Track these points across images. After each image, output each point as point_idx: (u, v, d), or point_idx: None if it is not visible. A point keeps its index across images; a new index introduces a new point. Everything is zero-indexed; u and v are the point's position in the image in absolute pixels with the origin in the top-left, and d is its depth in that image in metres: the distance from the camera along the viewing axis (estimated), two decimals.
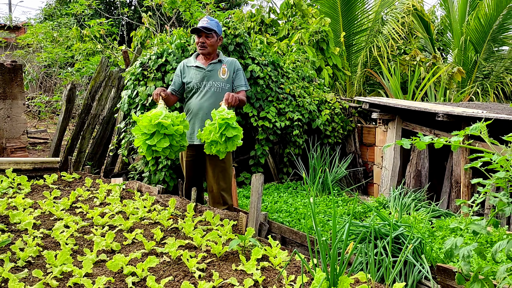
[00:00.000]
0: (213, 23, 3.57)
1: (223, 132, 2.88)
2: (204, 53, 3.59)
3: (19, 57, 10.68)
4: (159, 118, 2.85)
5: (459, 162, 4.64)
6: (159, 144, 2.86)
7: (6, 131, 5.48)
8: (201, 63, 3.63)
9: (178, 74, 3.70)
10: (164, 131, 2.88)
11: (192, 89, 3.61)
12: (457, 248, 1.45)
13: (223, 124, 2.89)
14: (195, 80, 3.58)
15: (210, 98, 3.56)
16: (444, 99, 7.88)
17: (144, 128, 2.86)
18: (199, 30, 3.52)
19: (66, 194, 3.97)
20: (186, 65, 3.68)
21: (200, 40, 3.54)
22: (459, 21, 10.22)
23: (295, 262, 2.57)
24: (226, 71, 3.64)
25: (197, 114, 3.57)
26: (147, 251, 2.64)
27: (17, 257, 2.42)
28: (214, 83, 3.58)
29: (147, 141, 2.86)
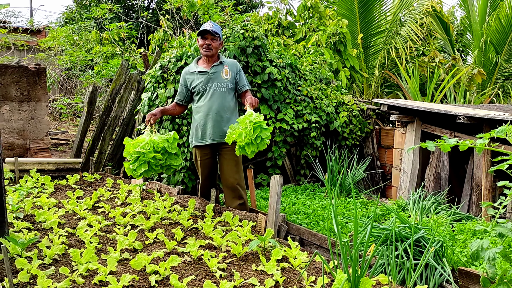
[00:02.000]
0: (217, 27, 3.71)
1: (259, 134, 3.15)
2: (209, 55, 3.70)
3: (40, 60, 10.91)
4: (138, 146, 3.29)
5: (480, 165, 4.58)
6: (138, 169, 3.28)
7: (30, 132, 5.62)
8: (204, 67, 3.75)
9: (182, 84, 3.82)
10: (143, 158, 3.27)
11: (199, 93, 3.73)
12: (483, 250, 1.45)
13: (257, 127, 3.16)
14: (200, 84, 3.71)
15: (217, 99, 3.69)
16: (464, 101, 7.78)
17: (128, 154, 3.33)
18: (207, 32, 3.64)
19: (88, 194, 4.06)
20: (189, 72, 3.80)
21: (206, 42, 3.66)
22: (479, 22, 10.07)
23: (315, 263, 2.59)
24: (228, 71, 3.76)
25: (207, 115, 3.68)
26: (169, 250, 2.69)
27: (44, 254, 2.49)
28: (219, 84, 3.70)
29: (130, 166, 3.32)
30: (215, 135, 3.69)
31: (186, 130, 4.65)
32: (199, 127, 3.73)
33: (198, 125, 3.74)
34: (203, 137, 3.72)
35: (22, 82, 5.59)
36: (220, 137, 3.67)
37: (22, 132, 5.59)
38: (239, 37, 5.05)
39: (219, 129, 3.68)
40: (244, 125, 3.18)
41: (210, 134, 3.69)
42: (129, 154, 3.30)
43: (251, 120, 3.17)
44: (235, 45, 4.97)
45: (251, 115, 3.22)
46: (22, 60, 10.13)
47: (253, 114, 3.23)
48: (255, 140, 3.15)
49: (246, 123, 3.18)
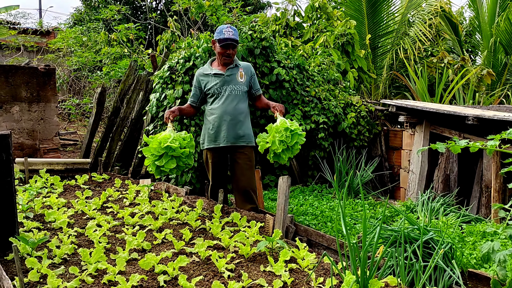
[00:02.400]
0: (236, 32, 3.66)
1: (297, 141, 3.25)
2: (228, 63, 3.70)
3: (50, 61, 11.00)
4: (168, 141, 3.12)
5: (489, 166, 4.54)
6: (167, 165, 3.15)
7: (40, 133, 5.67)
8: (219, 69, 3.71)
9: (196, 86, 3.78)
10: (172, 153, 3.16)
11: (214, 95, 3.70)
12: (494, 252, 1.44)
13: (295, 134, 3.24)
14: (215, 86, 3.67)
15: (232, 102, 3.67)
16: (473, 102, 7.72)
17: (154, 150, 3.15)
18: (230, 42, 3.59)
19: (97, 194, 4.08)
20: (204, 73, 3.75)
21: (227, 51, 3.63)
22: (488, 22, 9.99)
23: (323, 264, 2.58)
24: (243, 75, 3.74)
25: (222, 118, 3.66)
26: (177, 250, 2.70)
27: (54, 254, 2.51)
28: (234, 87, 3.69)
29: (156, 162, 3.16)
30: (229, 138, 3.67)
31: (194, 130, 4.67)
32: (212, 129, 3.70)
33: (212, 127, 3.70)
34: (217, 139, 3.69)
35: (32, 83, 5.64)
36: (234, 139, 3.67)
37: (32, 133, 5.64)
38: (247, 38, 5.06)
39: (234, 132, 3.67)
40: (279, 133, 3.22)
41: (224, 137, 3.67)
42: (154, 150, 3.16)
43: (287, 127, 3.22)
44: (243, 46, 4.98)
45: (285, 123, 3.26)
46: (32, 61, 10.23)
47: (287, 122, 3.27)
48: (292, 147, 3.24)
49: (281, 130, 3.22)
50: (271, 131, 3.31)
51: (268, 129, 3.37)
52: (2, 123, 5.52)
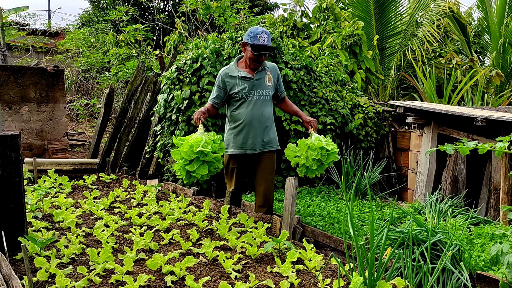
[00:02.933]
0: (270, 38, 3.44)
1: (333, 160, 3.26)
2: (256, 69, 3.50)
3: (58, 62, 11.09)
4: (200, 145, 2.92)
5: (498, 168, 4.51)
6: (198, 171, 2.96)
7: (48, 133, 5.71)
8: (246, 72, 3.49)
9: (220, 86, 3.52)
10: (204, 158, 2.96)
11: (240, 99, 3.49)
12: (503, 255, 1.43)
13: (332, 154, 3.24)
14: (243, 91, 3.46)
15: (260, 107, 3.51)
16: (481, 103, 7.66)
17: (185, 154, 2.94)
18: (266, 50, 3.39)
19: (105, 195, 4.11)
20: (230, 75, 3.50)
21: (260, 59, 3.43)
22: (497, 23, 9.91)
23: (330, 266, 2.58)
24: (270, 78, 3.57)
25: (250, 124, 3.49)
26: (184, 251, 2.71)
27: (62, 253, 2.53)
28: (262, 92, 3.52)
29: (186, 167, 2.95)
30: (257, 145, 3.52)
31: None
32: (238, 135, 3.51)
33: (238, 132, 3.51)
34: (244, 146, 3.52)
35: (40, 84, 5.69)
36: (262, 146, 3.54)
37: (40, 133, 5.69)
38: None
39: (261, 138, 3.53)
40: (313, 151, 3.19)
41: (252, 144, 3.51)
42: (185, 154, 2.93)
43: (323, 147, 3.18)
44: None
45: (321, 142, 3.21)
46: (41, 62, 10.32)
47: (322, 140, 3.22)
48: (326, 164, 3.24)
49: (316, 149, 3.19)
50: (303, 146, 3.23)
51: (300, 143, 3.28)
52: (11, 123, 5.58)
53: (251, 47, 3.37)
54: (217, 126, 4.80)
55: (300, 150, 3.27)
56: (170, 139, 4.93)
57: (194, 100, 4.74)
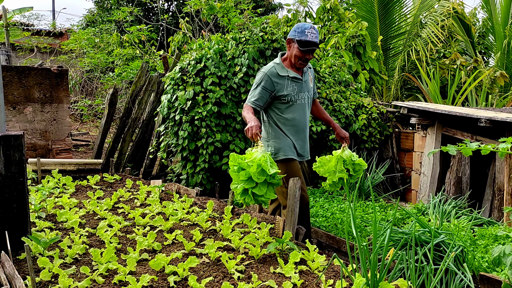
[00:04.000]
0: (318, 35, 3.15)
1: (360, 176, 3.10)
2: (302, 68, 3.23)
3: (63, 62, 11.14)
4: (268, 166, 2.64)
5: (502, 169, 4.49)
6: (267, 195, 2.72)
7: (52, 134, 5.74)
8: (294, 71, 3.20)
9: (266, 88, 3.15)
10: (272, 180, 2.71)
11: (288, 102, 3.18)
12: (505, 256, 1.42)
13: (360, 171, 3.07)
14: (293, 93, 3.17)
15: (306, 111, 3.27)
16: (486, 104, 7.63)
17: (254, 176, 2.65)
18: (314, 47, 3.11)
19: (109, 195, 4.12)
20: (279, 75, 3.16)
21: (306, 56, 3.13)
22: (502, 23, 9.87)
23: (333, 266, 2.57)
24: (312, 79, 3.35)
25: (303, 130, 3.27)
26: (187, 251, 2.71)
27: (65, 254, 2.54)
28: (308, 94, 3.28)
29: (253, 190, 2.68)
30: (304, 152, 3.33)
31: (205, 132, 4.69)
32: (293, 142, 3.22)
33: (290, 139, 3.22)
34: (303, 153, 3.30)
35: (44, 84, 5.72)
36: (306, 154, 3.35)
37: (44, 133, 5.72)
38: (258, 40, 5.06)
39: (307, 145, 3.35)
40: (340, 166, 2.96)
41: (300, 151, 3.27)
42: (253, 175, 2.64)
43: (352, 161, 2.99)
44: (254, 48, 4.99)
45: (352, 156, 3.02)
46: (45, 62, 10.37)
47: (354, 155, 3.04)
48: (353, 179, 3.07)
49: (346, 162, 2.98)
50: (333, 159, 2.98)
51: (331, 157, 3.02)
52: (15, 123, 5.60)
53: (298, 44, 3.07)
54: (220, 126, 4.80)
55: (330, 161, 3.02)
56: (173, 140, 4.94)
57: (198, 101, 4.74)
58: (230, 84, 4.87)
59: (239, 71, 4.92)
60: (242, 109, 4.91)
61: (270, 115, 3.25)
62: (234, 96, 4.91)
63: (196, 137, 4.77)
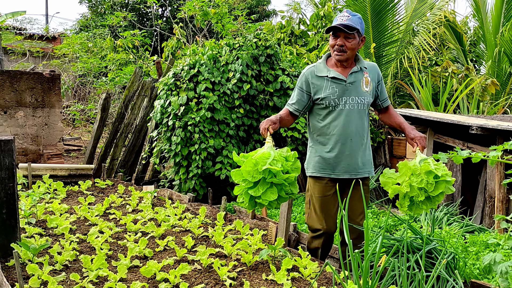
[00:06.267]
0: (355, 19, 2.71)
1: (443, 191, 2.30)
2: (342, 60, 2.74)
3: (55, 66, 11.09)
4: (267, 162, 2.27)
5: (493, 176, 4.52)
6: (265, 196, 2.28)
7: (44, 138, 5.69)
8: (338, 72, 2.77)
9: (303, 89, 2.82)
10: (272, 179, 2.29)
11: (328, 107, 2.77)
12: (495, 264, 1.43)
13: (442, 182, 2.30)
14: (332, 96, 2.74)
15: (354, 119, 2.77)
16: (477, 111, 7.70)
17: (248, 175, 2.29)
18: (338, 29, 2.68)
19: (100, 201, 4.09)
20: (317, 75, 2.80)
21: (337, 42, 2.70)
22: (493, 32, 9.99)
23: (325, 273, 2.57)
24: (369, 81, 2.81)
25: (343, 141, 2.77)
26: (179, 258, 2.69)
27: (55, 260, 2.51)
28: (357, 99, 2.76)
29: (249, 191, 2.29)
30: (349, 168, 2.80)
31: (198, 137, 4.68)
32: (327, 154, 2.81)
33: (325, 151, 2.81)
34: (335, 168, 2.80)
35: (36, 89, 5.68)
36: (355, 171, 2.82)
37: (35, 138, 5.67)
38: (252, 46, 5.08)
39: (355, 160, 2.80)
40: (417, 176, 2.33)
41: (343, 167, 2.80)
42: (247, 174, 2.29)
43: (430, 171, 2.30)
44: (248, 54, 5.00)
45: (428, 164, 2.33)
46: (37, 67, 10.31)
47: (430, 163, 2.35)
48: (436, 197, 2.31)
49: (420, 173, 2.33)
50: (405, 170, 2.39)
51: (400, 167, 2.42)
52: (6, 128, 5.55)
53: (326, 32, 2.77)
54: (213, 132, 4.79)
55: (402, 176, 2.39)
56: (166, 145, 4.92)
57: (191, 106, 4.74)
58: (223, 90, 4.87)
59: (232, 77, 4.92)
60: (235, 115, 4.96)
61: (310, 122, 2.93)
62: (228, 101, 4.91)
63: (189, 142, 4.75)
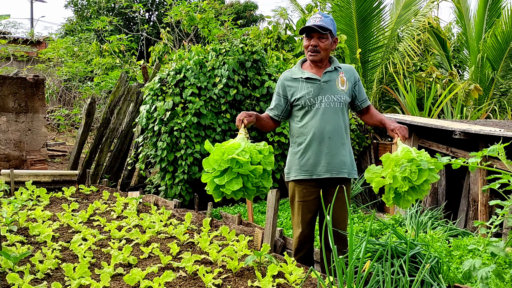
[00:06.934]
0: (328, 20, 2.76)
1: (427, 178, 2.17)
2: (316, 60, 2.78)
3: (40, 71, 10.96)
4: (235, 152, 2.26)
5: (476, 180, 4.58)
6: (228, 186, 2.26)
7: (27, 144, 5.61)
8: (312, 72, 2.81)
9: (280, 93, 2.86)
10: (238, 169, 2.27)
11: (304, 107, 2.79)
12: (475, 270, 1.44)
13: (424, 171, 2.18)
14: (307, 96, 2.77)
15: (331, 118, 2.77)
16: (460, 116, 7.82)
17: (215, 163, 2.28)
18: (311, 29, 2.72)
19: (84, 207, 4.04)
20: (292, 78, 2.84)
21: (311, 42, 2.74)
22: (475, 38, 10.18)
23: (311, 279, 2.57)
24: (345, 81, 2.84)
25: (319, 140, 2.76)
26: (164, 265, 2.67)
27: (37, 269, 2.47)
28: (332, 97, 2.78)
29: (215, 180, 2.28)
30: (329, 167, 2.77)
31: (184, 142, 4.66)
32: (304, 155, 2.80)
33: (303, 151, 2.80)
34: (313, 169, 2.78)
35: (20, 94, 5.60)
36: (335, 170, 2.79)
37: (18, 144, 5.59)
38: (238, 51, 5.09)
39: (335, 159, 2.77)
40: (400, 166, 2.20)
41: (323, 166, 2.77)
42: (215, 163, 2.28)
43: (413, 159, 2.19)
44: (234, 59, 5.01)
45: (409, 152, 2.24)
46: (21, 71, 10.17)
47: (412, 151, 2.25)
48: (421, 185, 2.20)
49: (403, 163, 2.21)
50: (389, 162, 2.28)
51: (384, 160, 2.31)
52: None
53: (300, 33, 2.80)
54: (199, 137, 4.77)
55: (386, 169, 2.28)
56: (152, 150, 4.89)
57: (177, 111, 4.72)
58: (210, 95, 4.86)
59: (219, 82, 4.92)
60: (221, 120, 4.95)
61: (290, 126, 2.94)
62: (214, 107, 4.90)
63: (175, 148, 4.73)
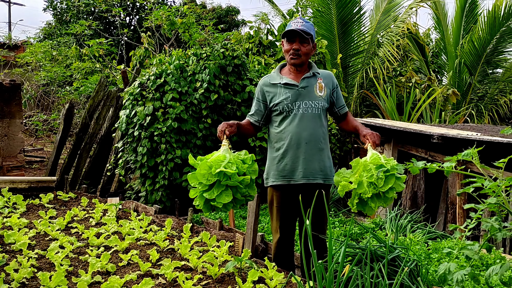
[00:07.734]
0: (309, 25, 2.79)
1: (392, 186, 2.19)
2: (297, 64, 2.78)
3: (17, 75, 10.74)
4: (222, 165, 2.28)
5: (454, 183, 4.67)
6: (219, 199, 2.29)
7: (3, 150, 5.49)
8: (291, 78, 2.82)
9: (259, 98, 2.87)
10: (226, 182, 2.30)
11: (282, 112, 2.79)
12: (450, 273, 1.47)
13: (391, 176, 2.20)
14: (286, 101, 2.77)
15: (309, 123, 2.76)
16: (439, 120, 7.96)
17: (202, 177, 2.29)
18: (294, 33, 2.73)
19: (62, 214, 3.96)
20: (270, 83, 2.85)
21: (293, 46, 2.74)
22: (453, 44, 10.40)
23: (291, 284, 2.57)
24: (323, 86, 2.83)
25: (297, 145, 2.75)
26: (143, 272, 2.63)
27: (11, 278, 2.41)
28: (310, 103, 2.78)
29: (204, 194, 2.29)
30: (306, 172, 2.76)
31: (165, 148, 4.62)
32: (282, 160, 2.79)
33: (281, 157, 2.79)
34: (291, 174, 2.78)
35: None
36: (312, 175, 2.78)
37: None
38: (220, 56, 5.08)
39: (311, 164, 2.77)
40: (368, 171, 2.24)
41: (300, 171, 2.76)
42: (202, 177, 2.29)
43: (382, 164, 2.22)
44: (215, 64, 5.00)
45: (378, 158, 2.28)
46: None
47: (381, 157, 2.30)
48: (386, 193, 2.21)
49: (371, 169, 2.23)
50: (358, 168, 2.31)
51: (354, 165, 2.35)
52: None
53: (282, 38, 2.79)
54: (180, 142, 4.74)
55: (355, 173, 2.31)
56: (132, 156, 4.83)
57: (157, 116, 4.68)
58: (190, 100, 4.84)
59: (200, 87, 4.90)
60: (202, 125, 4.92)
61: (268, 131, 2.93)
62: (195, 112, 4.88)
63: (155, 153, 4.69)
